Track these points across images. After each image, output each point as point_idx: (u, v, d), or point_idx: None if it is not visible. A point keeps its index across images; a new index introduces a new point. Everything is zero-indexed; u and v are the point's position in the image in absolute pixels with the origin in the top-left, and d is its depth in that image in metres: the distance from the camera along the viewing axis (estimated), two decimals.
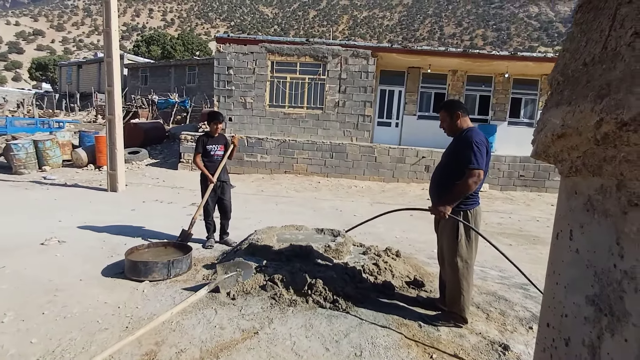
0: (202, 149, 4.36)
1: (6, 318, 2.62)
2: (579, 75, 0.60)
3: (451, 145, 2.79)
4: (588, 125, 0.54)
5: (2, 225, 4.82)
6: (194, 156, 4.42)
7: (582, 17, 0.63)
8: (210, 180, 4.32)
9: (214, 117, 4.40)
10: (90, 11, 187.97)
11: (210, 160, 4.40)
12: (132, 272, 3.34)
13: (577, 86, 0.59)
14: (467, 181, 2.52)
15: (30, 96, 30.33)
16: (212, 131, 4.44)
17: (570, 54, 0.64)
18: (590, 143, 0.55)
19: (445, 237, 2.75)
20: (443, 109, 2.81)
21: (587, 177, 0.59)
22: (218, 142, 4.46)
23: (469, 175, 2.52)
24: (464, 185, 2.53)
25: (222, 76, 11.54)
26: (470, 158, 2.51)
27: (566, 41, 0.66)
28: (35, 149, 9.56)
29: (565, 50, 0.65)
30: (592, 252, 0.56)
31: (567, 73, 0.64)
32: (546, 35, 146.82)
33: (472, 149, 2.52)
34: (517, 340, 2.65)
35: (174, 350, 2.32)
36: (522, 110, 12.72)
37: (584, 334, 0.55)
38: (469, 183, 2.52)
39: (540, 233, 6.25)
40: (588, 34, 0.60)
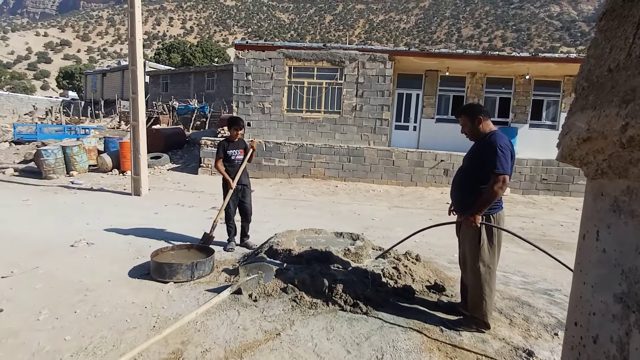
0: (223, 154, 4.48)
1: (42, 316, 2.75)
2: (603, 81, 0.62)
3: (473, 149, 2.75)
4: (613, 129, 0.56)
5: (35, 228, 5.06)
6: (216, 161, 4.55)
7: (606, 24, 0.64)
8: (230, 186, 4.44)
9: (234, 122, 4.51)
10: (114, 21, 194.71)
11: (232, 165, 4.52)
12: (158, 274, 3.45)
13: (602, 92, 0.61)
14: (493, 187, 2.48)
15: (57, 104, 31.63)
16: (232, 136, 4.54)
17: (594, 60, 0.66)
18: (616, 146, 0.57)
19: (467, 242, 2.72)
20: (463, 114, 2.77)
21: (613, 179, 0.61)
22: (238, 146, 4.58)
23: (495, 181, 2.47)
24: (490, 191, 2.50)
25: (240, 82, 11.75)
26: (495, 163, 2.47)
27: (590, 47, 0.68)
28: (63, 154, 9.96)
29: (590, 57, 0.67)
30: (619, 251, 0.58)
31: (592, 79, 0.66)
32: (568, 35, 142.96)
33: (497, 153, 2.48)
34: (542, 346, 2.60)
35: (199, 350, 2.39)
36: (544, 112, 12.43)
37: (612, 331, 0.57)
38: (495, 189, 2.48)
39: (564, 238, 6.09)
40: (612, 40, 0.61)
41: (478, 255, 2.63)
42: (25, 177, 9.63)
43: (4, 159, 11.44)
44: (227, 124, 4.59)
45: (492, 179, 2.48)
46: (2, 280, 3.35)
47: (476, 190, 2.61)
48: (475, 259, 2.65)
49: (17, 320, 2.68)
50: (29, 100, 35.33)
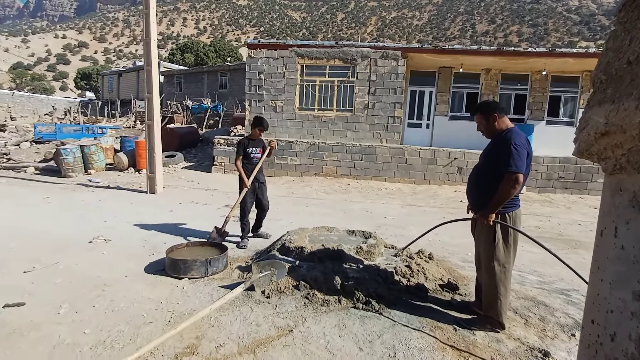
0: (243, 152, 4.63)
1: (62, 310, 2.84)
2: (622, 73, 0.60)
3: (489, 147, 2.72)
4: (632, 123, 0.55)
5: (55, 225, 5.20)
6: (236, 159, 4.68)
7: (625, 15, 0.63)
8: (245, 184, 4.55)
9: (259, 123, 4.63)
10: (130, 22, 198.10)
11: (250, 162, 4.68)
12: (173, 270, 3.51)
13: (621, 84, 0.60)
14: (506, 186, 2.45)
15: (76, 104, 32.40)
16: (254, 135, 4.69)
17: (613, 53, 0.64)
18: (635, 140, 0.56)
19: (482, 240, 2.70)
20: (478, 112, 2.73)
21: (632, 174, 0.60)
22: (257, 145, 4.75)
23: (508, 180, 2.44)
24: (503, 190, 2.46)
25: (253, 81, 11.83)
26: (509, 161, 2.43)
27: (609, 40, 0.67)
28: (81, 153, 10.20)
29: (608, 49, 0.66)
30: (638, 247, 0.56)
31: (611, 72, 0.64)
32: (587, 30, 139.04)
33: (511, 151, 2.43)
34: (558, 347, 2.56)
35: (213, 345, 2.42)
36: (561, 108, 12.13)
37: (630, 328, 0.56)
38: (508, 188, 2.45)
39: (582, 237, 5.95)
40: (632, 32, 0.60)
41: (493, 254, 2.60)
42: (46, 176, 9.90)
43: (25, 158, 11.79)
44: (253, 123, 4.71)
45: (506, 178, 2.44)
46: (24, 274, 3.47)
47: (491, 189, 2.56)
48: (490, 257, 2.62)
49: (38, 313, 2.77)
50: (48, 101, 36.29)
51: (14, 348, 2.35)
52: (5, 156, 11.76)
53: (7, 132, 16.79)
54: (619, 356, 0.58)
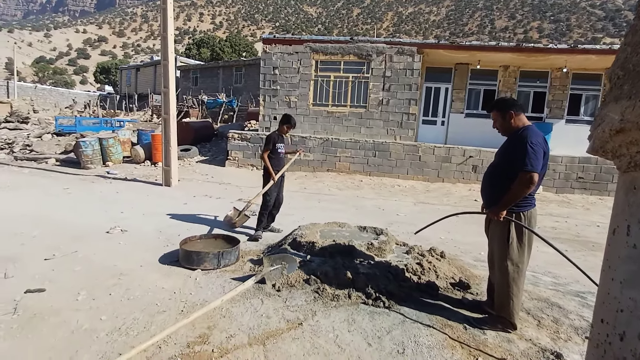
0: (272, 146, 4.76)
1: (80, 297, 2.93)
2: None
3: (505, 145, 2.69)
4: None
5: (75, 215, 5.36)
6: (264, 151, 4.78)
7: None
8: (272, 178, 4.71)
9: (287, 120, 4.80)
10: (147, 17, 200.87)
11: (277, 157, 4.83)
12: (186, 261, 3.58)
13: (638, 80, 0.59)
14: (520, 184, 2.42)
15: (95, 98, 33.14)
16: (282, 131, 4.85)
17: (631, 48, 0.63)
18: None
19: (495, 239, 2.67)
20: (495, 109, 2.70)
21: None
22: (284, 141, 4.94)
23: (522, 179, 2.41)
24: (516, 188, 2.44)
25: (267, 76, 11.87)
26: (524, 160, 2.40)
27: (627, 34, 0.65)
28: (100, 146, 10.45)
29: (627, 44, 0.64)
30: None
31: (628, 67, 0.63)
32: (612, 25, 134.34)
33: (527, 150, 2.40)
34: (571, 349, 2.52)
35: (224, 335, 2.47)
36: (582, 107, 11.80)
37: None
38: (522, 187, 2.42)
39: (600, 239, 5.80)
40: None
41: (506, 254, 2.57)
42: (66, 167, 10.19)
43: (47, 150, 12.15)
44: (281, 120, 4.87)
45: (520, 177, 2.42)
46: (45, 262, 3.59)
47: (505, 188, 2.53)
48: (503, 257, 2.59)
49: (58, 299, 2.87)
50: (69, 95, 37.23)
51: (35, 332, 2.44)
52: (28, 148, 12.14)
53: (30, 124, 17.30)
54: (627, 356, 0.57)
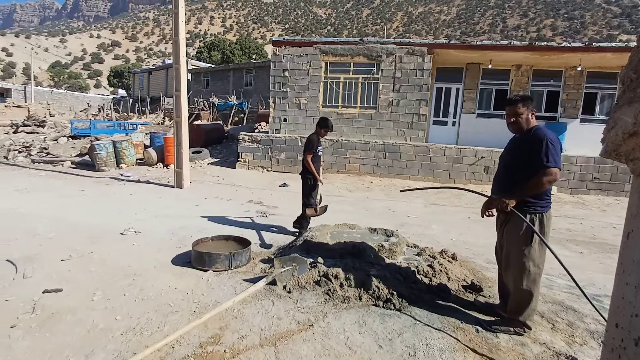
0: (315, 149, 4.92)
1: (95, 296, 2.99)
2: None
3: (518, 145, 2.62)
4: None
5: (90, 216, 5.48)
6: (307, 153, 4.93)
7: None
8: (319, 180, 4.98)
9: (326, 124, 4.94)
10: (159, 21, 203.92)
11: (317, 160, 5.02)
12: (198, 262, 3.63)
13: None
14: (541, 179, 2.39)
15: (108, 101, 33.76)
16: (320, 134, 5.00)
17: None
18: None
19: (514, 239, 2.58)
20: (522, 102, 2.60)
21: None
22: (321, 144, 5.11)
23: (545, 174, 2.38)
24: (538, 182, 2.40)
25: (277, 78, 11.93)
26: (547, 157, 2.38)
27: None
28: (114, 148, 10.65)
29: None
30: None
31: None
32: (629, 22, 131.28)
33: (548, 146, 2.39)
34: (587, 354, 2.47)
35: (236, 336, 2.50)
36: (597, 106, 11.56)
37: None
38: (544, 181, 2.39)
39: (617, 241, 5.62)
40: None
41: (528, 255, 2.52)
42: (81, 169, 10.41)
43: (63, 152, 12.42)
44: (319, 123, 5.00)
45: (542, 172, 2.38)
46: (62, 262, 3.68)
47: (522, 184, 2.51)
48: (524, 258, 2.53)
49: (74, 299, 2.94)
50: (84, 98, 38.02)
51: (53, 330, 2.50)
52: (45, 150, 12.44)
53: (47, 127, 17.72)
54: None
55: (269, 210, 6.56)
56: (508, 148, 2.74)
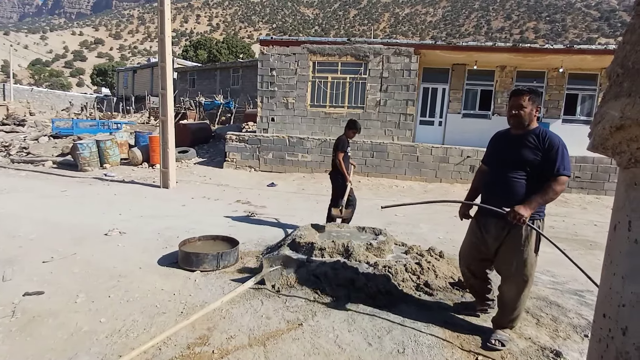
0: (345, 148, 4.93)
1: (79, 299, 2.92)
2: (639, 67, 0.60)
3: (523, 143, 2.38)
4: None
5: (72, 217, 5.34)
6: (339, 153, 4.91)
7: None
8: (348, 180, 4.93)
9: (354, 125, 4.98)
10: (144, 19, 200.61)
11: (347, 161, 5.01)
12: (185, 263, 3.57)
13: (638, 78, 0.60)
14: (556, 188, 2.25)
15: (92, 100, 33.04)
16: (348, 136, 5.02)
17: (630, 46, 0.64)
18: None
19: (515, 247, 2.39)
20: (528, 95, 2.36)
21: None
22: (349, 145, 5.12)
23: (560, 183, 2.26)
24: (554, 191, 2.26)
25: (265, 77, 11.87)
26: (564, 164, 2.26)
27: (626, 33, 0.66)
28: (97, 148, 10.42)
29: (626, 42, 0.65)
30: None
31: (627, 65, 0.64)
32: (607, 26, 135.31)
33: (564, 153, 2.28)
34: (570, 347, 2.53)
35: (224, 336, 2.47)
36: (578, 107, 11.87)
37: None
38: (558, 190, 2.27)
39: (597, 238, 5.84)
40: None
41: (532, 264, 2.40)
42: (63, 169, 10.15)
43: (44, 152, 12.09)
44: (348, 124, 5.01)
45: (558, 180, 2.26)
46: (43, 264, 3.57)
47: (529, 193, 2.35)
48: (528, 267, 2.39)
49: (56, 302, 2.86)
50: (65, 97, 37.11)
51: (34, 334, 2.43)
52: (25, 150, 12.09)
53: (27, 126, 17.22)
54: (630, 350, 0.58)
55: (257, 210, 6.52)
56: (510, 146, 2.47)
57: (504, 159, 2.48)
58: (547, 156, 2.29)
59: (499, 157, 2.54)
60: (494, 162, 2.59)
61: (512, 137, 2.48)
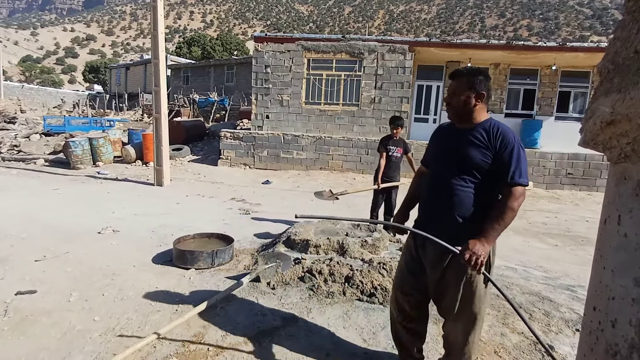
0: (384, 148, 4.77)
1: (72, 297, 2.90)
2: (630, 62, 0.61)
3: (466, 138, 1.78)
4: (638, 112, 0.55)
5: (65, 215, 5.29)
6: (381, 154, 4.80)
7: (634, 5, 0.63)
8: (376, 183, 4.79)
9: (395, 121, 4.76)
10: (137, 15, 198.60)
11: (389, 161, 4.83)
12: (180, 260, 3.56)
13: (628, 74, 0.60)
14: (513, 205, 1.66)
15: (84, 97, 32.66)
16: (393, 133, 4.83)
17: (621, 42, 0.64)
18: None
19: (459, 279, 1.77)
20: (465, 78, 1.79)
21: (636, 163, 0.60)
22: (397, 144, 4.87)
23: (515, 197, 1.67)
24: (511, 210, 1.67)
25: (259, 74, 11.82)
26: (520, 169, 1.69)
27: (617, 29, 0.67)
28: (90, 146, 10.32)
29: (616, 39, 0.66)
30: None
31: (618, 61, 0.64)
32: (600, 24, 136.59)
33: (520, 155, 1.70)
34: (562, 341, 2.57)
35: (219, 334, 2.47)
36: (571, 104, 11.98)
37: (631, 314, 0.57)
38: (515, 208, 1.67)
39: (589, 234, 5.91)
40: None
41: (484, 297, 1.81)
42: (55, 167, 10.04)
43: (35, 150, 11.95)
44: (390, 121, 4.85)
45: (514, 193, 1.67)
46: (35, 263, 3.54)
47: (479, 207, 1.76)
48: (474, 302, 1.80)
49: (49, 301, 2.83)
50: (57, 94, 36.65)
51: (27, 333, 2.41)
52: (16, 148, 11.94)
53: (17, 124, 16.98)
54: (619, 341, 0.59)
55: (252, 208, 6.51)
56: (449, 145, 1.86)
57: (445, 160, 1.86)
58: (499, 158, 1.71)
59: (439, 158, 1.92)
60: (434, 164, 1.97)
61: (456, 131, 1.86)
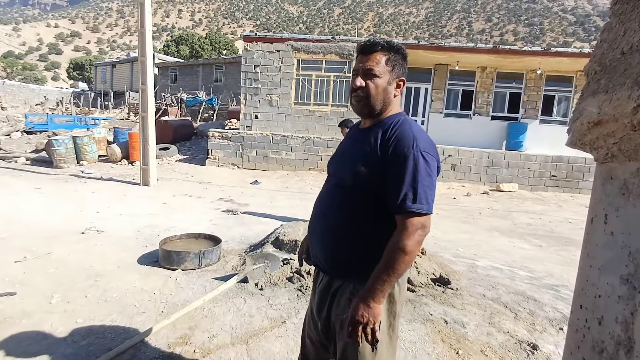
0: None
1: (54, 299, 2.82)
2: (616, 64, 0.62)
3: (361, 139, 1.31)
4: (625, 112, 0.56)
5: (47, 215, 5.15)
6: None
7: (620, 7, 0.64)
8: None
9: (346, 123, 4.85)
10: (123, 12, 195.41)
11: None
12: (166, 261, 3.50)
13: (614, 74, 0.61)
14: (405, 243, 1.11)
15: (68, 95, 31.95)
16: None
17: (607, 44, 0.66)
18: (627, 129, 0.58)
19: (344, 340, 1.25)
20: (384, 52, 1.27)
21: (622, 162, 0.62)
22: None
23: (412, 230, 1.11)
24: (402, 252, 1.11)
25: (248, 74, 11.75)
26: (416, 189, 1.12)
27: (603, 32, 0.68)
28: (74, 144, 10.08)
29: (603, 41, 0.67)
30: (627, 233, 0.58)
31: (605, 62, 0.65)
32: (582, 30, 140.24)
33: (418, 167, 1.14)
34: (546, 340, 2.61)
35: (206, 335, 2.43)
36: (555, 108, 12.25)
37: (617, 312, 0.58)
38: (409, 247, 1.11)
39: (572, 235, 6.04)
40: (626, 24, 0.61)
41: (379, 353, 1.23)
42: (37, 166, 9.78)
43: (16, 148, 11.62)
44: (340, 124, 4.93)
45: (406, 226, 1.12)
46: (15, 264, 3.43)
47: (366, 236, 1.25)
48: None
49: (30, 302, 2.75)
50: (40, 91, 35.72)
51: (5, 336, 2.33)
52: None
53: None
54: (605, 339, 0.60)
55: (240, 208, 6.46)
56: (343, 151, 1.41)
57: (334, 172, 1.39)
58: (386, 169, 1.17)
59: (329, 167, 1.43)
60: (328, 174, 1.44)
61: (358, 133, 1.38)
